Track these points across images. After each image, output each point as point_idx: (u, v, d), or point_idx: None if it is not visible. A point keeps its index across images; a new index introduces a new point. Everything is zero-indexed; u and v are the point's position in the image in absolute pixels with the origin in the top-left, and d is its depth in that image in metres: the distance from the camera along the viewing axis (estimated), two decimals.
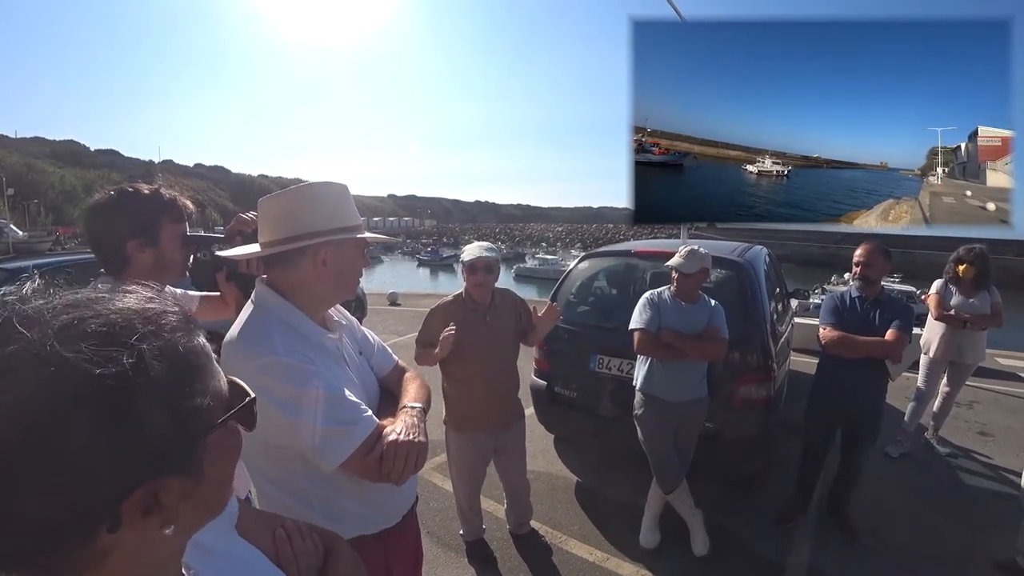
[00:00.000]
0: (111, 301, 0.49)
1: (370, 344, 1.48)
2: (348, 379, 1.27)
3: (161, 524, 0.48)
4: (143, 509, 0.46)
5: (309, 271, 1.22)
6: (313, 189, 1.24)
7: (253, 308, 1.22)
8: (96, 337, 0.45)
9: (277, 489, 1.21)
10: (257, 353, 1.11)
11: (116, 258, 1.39)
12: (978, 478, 3.96)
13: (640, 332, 2.89)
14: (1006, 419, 5.06)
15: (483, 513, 3.10)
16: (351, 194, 1.31)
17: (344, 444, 1.13)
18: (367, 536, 1.27)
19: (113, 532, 0.44)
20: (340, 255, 1.25)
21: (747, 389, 3.20)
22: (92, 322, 0.46)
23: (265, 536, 0.86)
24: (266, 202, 1.25)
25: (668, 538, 3.07)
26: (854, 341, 2.98)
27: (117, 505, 0.44)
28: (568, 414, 3.79)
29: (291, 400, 1.09)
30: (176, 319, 0.52)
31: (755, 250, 4.17)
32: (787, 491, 3.40)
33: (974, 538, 3.17)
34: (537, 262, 43.82)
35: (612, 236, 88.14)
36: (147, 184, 1.43)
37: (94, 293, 0.50)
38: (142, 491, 0.45)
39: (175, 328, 0.51)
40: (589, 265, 4.40)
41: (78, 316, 0.46)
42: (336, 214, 1.24)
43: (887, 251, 3.12)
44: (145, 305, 0.51)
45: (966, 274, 4.05)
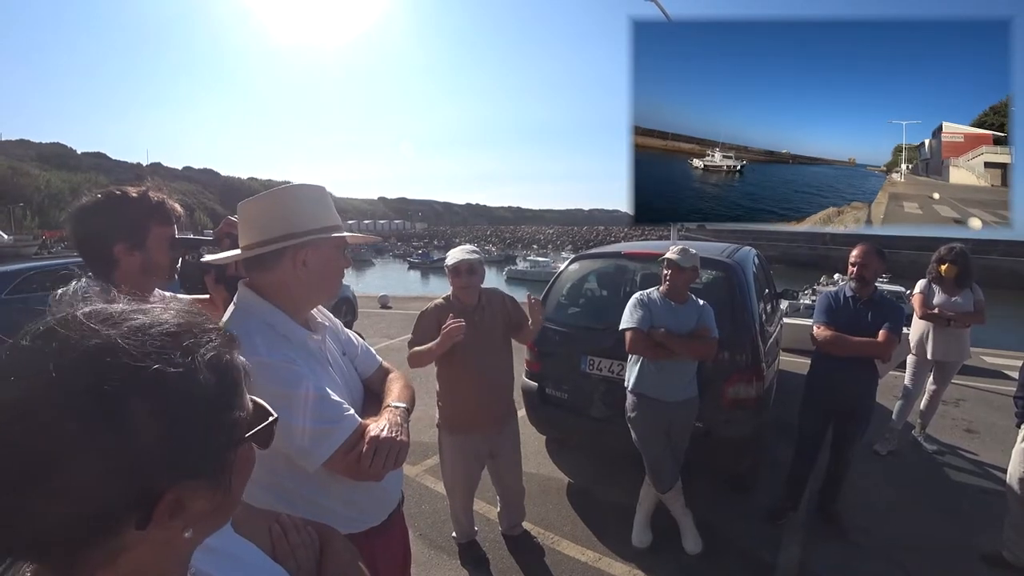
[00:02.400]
0: (161, 311, 0.52)
1: (353, 345, 1.48)
2: (331, 380, 1.27)
3: (183, 527, 0.50)
4: (171, 510, 0.47)
5: (289, 272, 1.22)
6: (290, 191, 1.26)
7: (234, 310, 1.23)
8: (160, 340, 0.47)
9: (261, 490, 1.21)
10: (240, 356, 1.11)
11: (103, 261, 1.38)
12: (965, 474, 4.01)
13: (632, 331, 2.90)
14: (991, 416, 5.14)
15: (475, 515, 3.10)
16: (331, 195, 1.32)
17: (327, 443, 1.13)
18: (353, 535, 1.27)
19: (142, 528, 0.45)
20: (319, 255, 1.25)
21: (737, 389, 3.21)
22: (156, 328, 0.48)
23: (261, 532, 0.86)
24: (244, 205, 1.26)
25: (660, 537, 3.09)
26: (847, 341, 3.03)
27: (149, 502, 0.45)
28: (559, 415, 3.80)
29: (279, 402, 1.09)
30: (220, 335, 0.55)
31: (744, 251, 4.20)
32: (778, 489, 3.43)
33: (961, 533, 3.22)
34: (528, 264, 43.83)
35: (603, 238, 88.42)
36: (135, 187, 1.42)
37: (146, 304, 0.52)
38: (174, 493, 0.47)
39: (220, 343, 0.53)
40: (579, 267, 4.41)
41: (144, 321, 0.48)
42: (314, 215, 1.25)
43: (882, 252, 3.17)
44: (190, 319, 0.53)
45: (948, 273, 4.11)
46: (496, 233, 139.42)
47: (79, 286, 0.52)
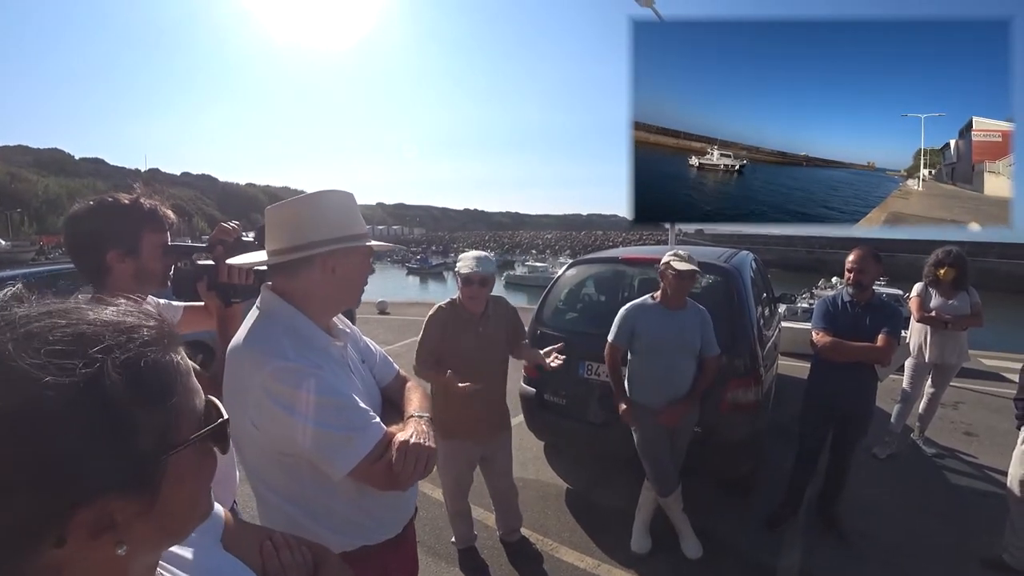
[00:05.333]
0: (88, 312, 0.49)
1: (372, 353, 1.48)
2: (355, 386, 1.27)
3: (115, 544, 0.46)
4: (92, 527, 0.44)
5: (317, 279, 1.22)
6: (321, 197, 1.24)
7: (259, 314, 1.22)
8: (60, 345, 0.44)
9: (281, 499, 1.20)
10: (267, 359, 1.10)
11: (96, 268, 1.38)
12: (964, 478, 4.00)
13: (610, 346, 2.98)
14: (990, 419, 5.13)
15: (475, 522, 3.09)
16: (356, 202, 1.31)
17: (354, 451, 1.12)
18: (369, 547, 1.27)
19: (60, 548, 0.43)
20: (348, 262, 1.25)
21: (735, 393, 3.21)
22: (61, 331, 0.45)
23: (252, 549, 0.84)
24: (273, 210, 1.24)
25: (659, 543, 3.07)
26: (846, 346, 3.03)
27: (59, 521, 0.42)
28: (557, 421, 3.78)
29: (306, 407, 1.09)
30: (151, 333, 0.51)
31: (741, 256, 4.20)
32: (777, 494, 3.42)
33: (962, 537, 3.20)
34: (527, 269, 43.80)
35: (601, 243, 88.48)
36: (128, 194, 1.42)
37: (75, 303, 0.50)
38: (90, 509, 0.44)
39: (147, 342, 0.50)
40: (577, 272, 4.40)
41: (49, 324, 0.45)
42: (343, 222, 1.24)
43: (878, 256, 3.17)
44: (121, 318, 0.50)
45: (946, 276, 4.11)
46: (494, 238, 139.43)
47: (13, 290, 0.49)
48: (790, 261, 43.70)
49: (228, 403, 1.13)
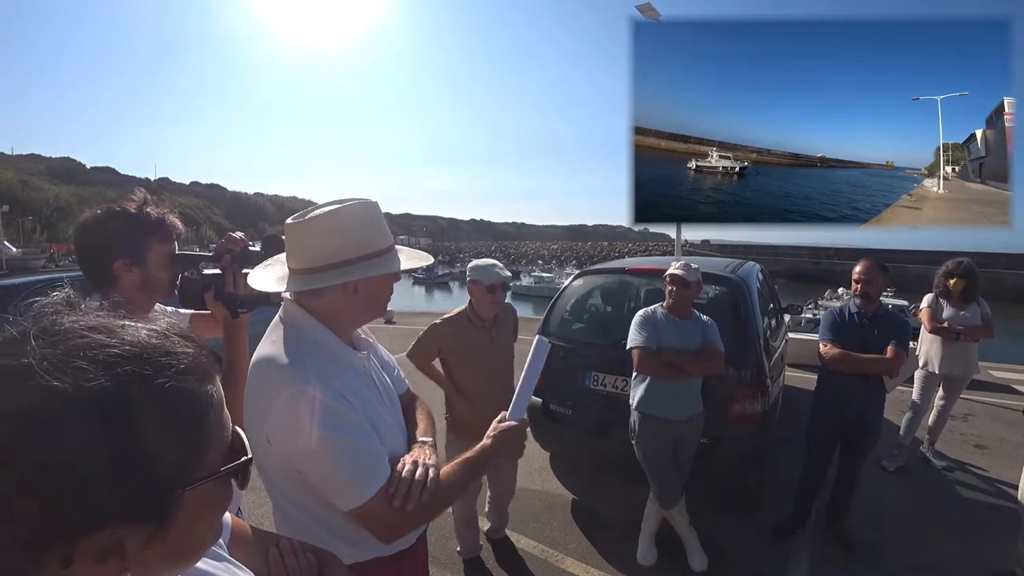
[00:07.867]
0: (130, 331, 0.48)
1: (390, 365, 1.47)
2: (379, 401, 1.26)
3: (119, 569, 0.45)
4: (100, 551, 0.43)
5: (340, 299, 1.19)
6: (343, 214, 1.16)
7: (284, 328, 1.19)
8: (95, 365, 0.43)
9: (297, 509, 1.19)
10: (290, 381, 1.08)
11: (103, 277, 1.39)
12: (975, 491, 3.95)
13: (639, 350, 2.87)
14: (1001, 431, 5.07)
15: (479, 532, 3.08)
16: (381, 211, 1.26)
17: (358, 493, 1.09)
18: (383, 557, 1.25)
19: (66, 568, 0.42)
20: (371, 282, 1.21)
21: (742, 405, 3.19)
22: (100, 350, 0.44)
23: (258, 555, 0.84)
24: (294, 228, 1.17)
25: (665, 555, 3.04)
26: (854, 358, 3.02)
27: (68, 540, 0.42)
28: (563, 431, 3.77)
29: (315, 439, 1.07)
30: (188, 362, 0.49)
31: (748, 266, 4.18)
32: (784, 506, 3.38)
33: (973, 550, 3.16)
34: (533, 280, 43.82)
35: (607, 253, 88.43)
36: (135, 203, 1.43)
37: (119, 320, 0.49)
38: (100, 535, 0.43)
39: (182, 371, 0.48)
40: (583, 282, 4.40)
41: (91, 341, 0.45)
42: (366, 239, 1.19)
43: (885, 267, 3.16)
44: (161, 341, 0.49)
45: (956, 287, 4.09)
46: (500, 248, 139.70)
47: (63, 294, 0.49)
48: (798, 271, 43.56)
49: (247, 412, 1.12)
